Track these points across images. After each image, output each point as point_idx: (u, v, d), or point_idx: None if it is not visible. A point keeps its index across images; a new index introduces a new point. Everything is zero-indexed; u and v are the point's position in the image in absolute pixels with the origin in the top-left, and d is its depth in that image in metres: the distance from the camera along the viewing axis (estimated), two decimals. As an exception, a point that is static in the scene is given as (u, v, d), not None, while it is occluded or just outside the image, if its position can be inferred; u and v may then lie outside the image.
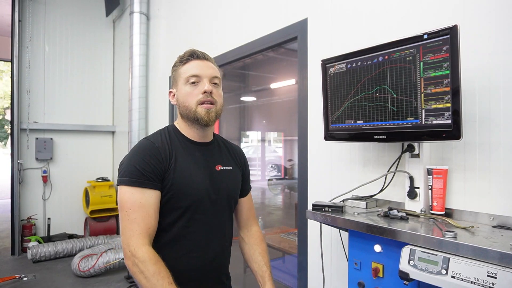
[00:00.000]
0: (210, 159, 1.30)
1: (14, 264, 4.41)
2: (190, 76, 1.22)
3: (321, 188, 2.00)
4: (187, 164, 1.22)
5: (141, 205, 1.11)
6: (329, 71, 1.61)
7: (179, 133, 1.28)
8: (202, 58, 1.27)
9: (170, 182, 1.16)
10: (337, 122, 1.59)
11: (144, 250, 1.07)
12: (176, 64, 1.28)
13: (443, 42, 1.18)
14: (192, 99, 1.21)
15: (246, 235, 1.44)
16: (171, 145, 1.22)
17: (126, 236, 1.09)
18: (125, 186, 1.12)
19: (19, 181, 4.83)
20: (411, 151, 1.40)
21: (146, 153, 1.16)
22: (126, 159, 1.18)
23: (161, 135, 1.26)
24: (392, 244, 1.24)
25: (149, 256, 1.06)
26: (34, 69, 5.04)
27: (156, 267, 1.06)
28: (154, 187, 1.14)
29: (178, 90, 1.26)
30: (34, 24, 5.05)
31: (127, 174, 1.13)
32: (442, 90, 1.19)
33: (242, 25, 2.75)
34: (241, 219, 1.46)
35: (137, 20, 4.25)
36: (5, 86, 19.38)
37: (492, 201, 1.27)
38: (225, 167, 1.33)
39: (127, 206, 1.11)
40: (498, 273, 0.89)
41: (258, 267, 1.36)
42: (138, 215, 1.10)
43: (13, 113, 4.82)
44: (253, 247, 1.41)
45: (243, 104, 5.78)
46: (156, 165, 1.15)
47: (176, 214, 1.18)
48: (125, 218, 1.11)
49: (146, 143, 1.21)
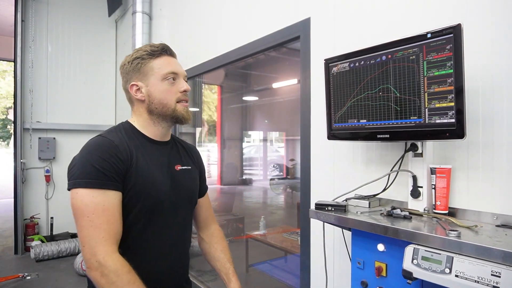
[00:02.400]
0: (170, 159, 1.24)
1: (17, 263, 4.43)
2: (169, 73, 1.18)
3: (324, 187, 2.00)
4: (148, 164, 1.14)
5: (104, 208, 1.01)
6: (332, 71, 1.61)
7: (137, 131, 1.21)
8: (173, 55, 1.24)
9: (132, 183, 1.08)
10: (340, 121, 1.59)
11: (115, 258, 0.99)
12: (144, 57, 1.18)
13: (447, 41, 1.18)
14: (171, 96, 1.18)
15: (206, 234, 1.41)
16: (130, 143, 1.14)
17: (91, 245, 0.99)
18: (83, 189, 1.02)
19: (22, 181, 4.86)
20: (414, 150, 1.40)
21: (105, 151, 1.06)
22: (80, 159, 1.06)
23: (117, 132, 1.17)
24: (395, 243, 1.23)
25: (121, 264, 0.99)
26: (37, 69, 5.06)
27: (130, 276, 0.98)
28: (117, 188, 1.05)
29: (151, 86, 1.18)
30: (37, 24, 5.06)
31: (84, 175, 1.02)
32: (446, 89, 1.19)
33: (245, 25, 2.76)
34: (200, 219, 1.42)
35: (140, 20, 4.26)
36: (8, 86, 19.46)
37: (496, 200, 1.26)
38: (184, 167, 1.28)
39: (88, 210, 1.00)
40: (502, 272, 0.89)
41: (221, 265, 1.33)
42: (103, 219, 1.00)
43: (16, 113, 4.84)
44: (214, 246, 1.37)
45: (245, 104, 5.78)
46: (117, 164, 1.06)
47: (135, 217, 1.11)
48: (87, 225, 1.00)
49: (103, 141, 1.10)
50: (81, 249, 1.04)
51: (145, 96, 1.19)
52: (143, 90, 1.19)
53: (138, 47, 4.23)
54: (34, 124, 4.98)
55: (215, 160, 7.26)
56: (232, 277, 1.28)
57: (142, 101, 1.20)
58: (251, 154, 7.67)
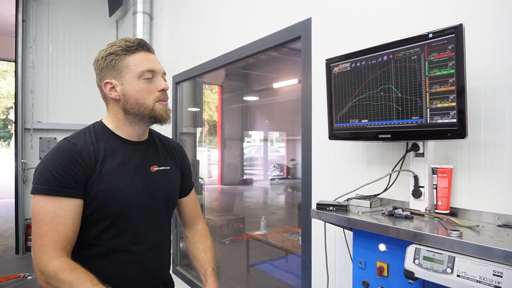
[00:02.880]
0: (145, 160, 1.19)
1: (18, 263, 4.44)
2: (146, 70, 1.11)
3: (325, 187, 2.00)
4: (116, 167, 1.10)
5: (54, 215, 0.98)
6: (333, 71, 1.61)
7: (109, 132, 1.16)
8: (151, 50, 1.16)
9: (95, 190, 1.04)
10: (341, 121, 1.59)
11: (54, 264, 0.95)
12: (119, 53, 1.11)
13: (448, 41, 1.18)
14: (148, 96, 1.12)
15: (190, 233, 1.38)
16: (97, 146, 1.09)
17: (36, 253, 0.96)
18: (39, 195, 1.00)
19: (23, 181, 4.86)
20: (416, 150, 1.40)
21: (65, 157, 1.02)
22: (41, 164, 1.04)
23: (85, 134, 1.12)
24: (396, 243, 1.23)
25: (60, 268, 0.94)
26: (38, 69, 5.07)
27: (74, 275, 0.93)
28: (74, 195, 1.01)
29: (126, 84, 1.11)
30: (37, 24, 5.07)
31: (41, 181, 1.00)
32: (447, 89, 1.19)
33: (246, 25, 2.76)
34: (185, 219, 1.39)
35: (140, 20, 4.27)
36: (9, 86, 19.48)
37: (497, 200, 1.26)
38: (161, 167, 1.22)
39: (38, 217, 0.98)
40: (504, 272, 0.89)
41: (200, 265, 1.30)
42: (51, 227, 0.97)
43: (17, 113, 4.85)
44: (196, 245, 1.34)
45: (246, 104, 5.79)
46: (77, 171, 1.02)
47: (104, 225, 1.07)
48: (35, 232, 0.98)
49: (66, 145, 1.06)
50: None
51: (120, 95, 1.12)
52: (118, 89, 1.12)
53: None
54: (35, 124, 4.99)
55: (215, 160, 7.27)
56: (209, 278, 1.23)
57: (117, 100, 1.14)
58: (251, 154, 7.67)
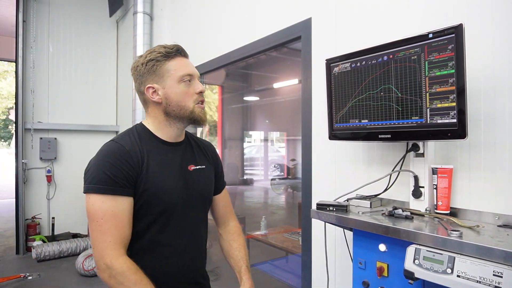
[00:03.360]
0: (183, 159, 1.25)
1: (18, 263, 4.44)
2: (186, 75, 1.18)
3: (325, 187, 2.00)
4: (160, 167, 1.17)
5: (113, 214, 1.05)
6: (333, 71, 1.61)
7: (150, 134, 1.22)
8: (187, 56, 1.24)
9: (142, 188, 1.11)
10: (341, 121, 1.59)
11: (122, 261, 1.03)
12: (159, 59, 1.18)
13: (448, 41, 1.18)
14: (189, 98, 1.18)
15: (224, 231, 1.43)
16: (142, 147, 1.16)
17: (99, 248, 1.04)
18: (95, 194, 1.06)
19: (23, 181, 4.86)
20: (416, 150, 1.40)
21: (116, 158, 1.09)
22: (94, 165, 1.10)
23: (130, 136, 1.18)
24: (396, 243, 1.23)
25: (127, 266, 1.03)
26: (38, 69, 5.07)
27: (137, 277, 1.02)
28: (127, 193, 1.08)
29: (168, 87, 1.18)
30: (38, 24, 5.07)
31: (96, 181, 1.06)
32: (447, 89, 1.19)
33: (246, 25, 2.76)
34: (218, 216, 1.44)
35: (141, 20, 4.26)
36: (9, 86, 19.49)
37: (498, 201, 1.26)
38: (198, 166, 1.29)
39: (98, 216, 1.05)
40: (504, 272, 0.89)
41: (234, 263, 1.35)
42: (111, 224, 1.05)
43: (17, 113, 4.85)
44: (229, 243, 1.39)
45: (246, 104, 5.78)
46: (128, 171, 1.09)
47: (149, 220, 1.14)
48: (96, 229, 1.05)
49: (115, 147, 1.13)
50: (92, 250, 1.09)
51: (162, 98, 1.18)
52: (160, 92, 1.18)
53: (139, 47, 4.26)
54: (35, 124, 4.98)
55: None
56: (243, 275, 1.29)
57: (159, 103, 1.20)
58: (252, 154, 7.67)
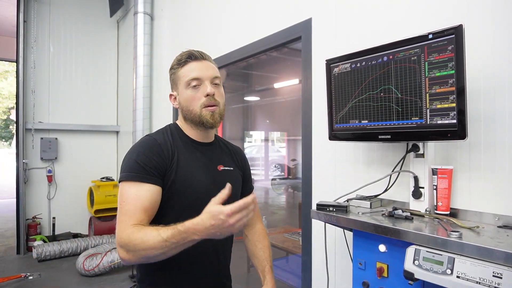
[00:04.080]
0: (212, 159, 1.30)
1: (19, 263, 4.45)
2: (191, 79, 1.20)
3: (325, 187, 2.00)
4: (189, 163, 1.21)
5: (136, 197, 1.08)
6: (333, 71, 1.61)
7: (182, 133, 1.28)
8: (200, 58, 1.25)
9: (172, 180, 1.15)
10: (341, 122, 1.59)
11: (128, 231, 1.02)
12: (174, 67, 1.26)
13: (448, 42, 1.18)
14: (195, 103, 1.21)
15: (250, 232, 1.46)
16: (174, 143, 1.22)
17: (118, 229, 1.06)
18: (125, 182, 1.11)
19: (24, 181, 4.87)
20: (416, 151, 1.40)
21: (148, 149, 1.15)
22: (127, 155, 1.17)
23: (163, 133, 1.25)
24: (396, 244, 1.23)
25: (132, 231, 1.02)
26: (39, 69, 5.08)
27: (142, 232, 1.01)
28: (154, 182, 1.12)
29: (180, 94, 1.24)
30: (39, 24, 5.08)
31: (127, 169, 1.12)
32: (447, 90, 1.19)
33: (246, 25, 2.76)
34: None
35: (141, 21, 4.27)
36: (10, 86, 19.52)
37: (498, 201, 1.26)
38: (226, 168, 1.32)
39: (121, 199, 1.09)
40: (504, 273, 0.89)
41: (258, 262, 1.40)
42: (130, 205, 1.07)
43: (18, 113, 4.86)
44: (255, 243, 1.43)
45: (247, 104, 5.78)
46: (158, 161, 1.14)
47: (177, 212, 1.16)
48: (118, 212, 1.09)
49: (148, 140, 1.20)
50: None
51: (178, 104, 1.27)
52: (177, 99, 1.27)
53: (139, 47, 4.27)
54: (36, 124, 4.99)
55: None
56: (267, 274, 1.34)
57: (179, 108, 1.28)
58: (252, 154, 7.66)
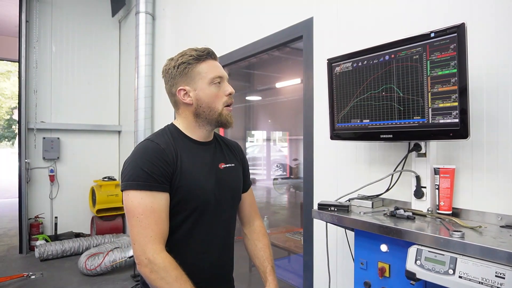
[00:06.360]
0: (214, 158, 1.29)
1: (22, 262, 4.46)
2: (216, 77, 1.21)
3: (327, 187, 2.00)
4: (192, 165, 1.20)
5: (152, 209, 1.08)
6: (335, 70, 1.61)
7: (181, 133, 1.26)
8: (216, 58, 1.27)
9: (177, 185, 1.14)
10: (343, 121, 1.59)
11: (163, 256, 1.05)
12: (190, 61, 1.21)
13: (450, 41, 1.17)
14: (218, 100, 1.21)
15: (249, 230, 1.44)
16: (175, 146, 1.19)
17: (141, 243, 1.06)
18: (133, 191, 1.09)
19: (26, 180, 4.89)
20: (418, 150, 1.39)
21: (153, 155, 1.12)
22: (131, 162, 1.13)
23: (164, 136, 1.22)
24: (398, 244, 1.23)
25: (169, 261, 1.05)
26: (41, 69, 5.09)
27: (178, 272, 1.05)
28: (164, 189, 1.11)
29: (199, 90, 1.20)
30: (41, 24, 5.09)
31: (135, 177, 1.09)
32: (449, 89, 1.18)
33: (248, 25, 2.75)
34: (244, 215, 1.45)
35: (143, 20, 4.27)
36: (13, 86, 19.60)
37: (500, 201, 1.26)
38: (228, 165, 1.32)
39: (138, 211, 1.07)
40: (507, 273, 0.88)
41: (259, 263, 1.37)
42: (151, 220, 1.07)
43: (21, 113, 4.87)
44: (254, 243, 1.40)
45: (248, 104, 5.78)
46: (164, 167, 1.12)
47: (183, 216, 1.17)
48: (137, 225, 1.07)
49: (151, 145, 1.16)
50: (132, 246, 1.10)
51: (193, 100, 1.22)
52: (191, 94, 1.21)
53: (141, 47, 4.27)
54: (38, 124, 5.01)
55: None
56: (268, 276, 1.31)
57: (190, 105, 1.23)
58: (254, 154, 7.66)
